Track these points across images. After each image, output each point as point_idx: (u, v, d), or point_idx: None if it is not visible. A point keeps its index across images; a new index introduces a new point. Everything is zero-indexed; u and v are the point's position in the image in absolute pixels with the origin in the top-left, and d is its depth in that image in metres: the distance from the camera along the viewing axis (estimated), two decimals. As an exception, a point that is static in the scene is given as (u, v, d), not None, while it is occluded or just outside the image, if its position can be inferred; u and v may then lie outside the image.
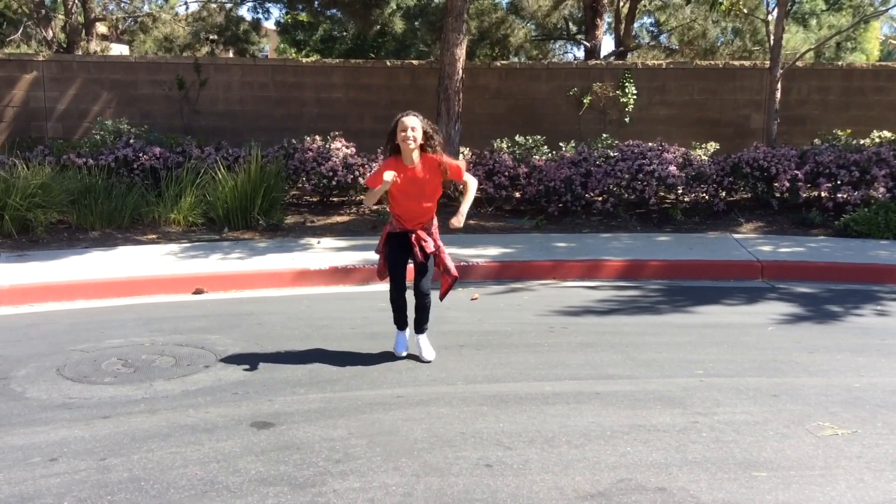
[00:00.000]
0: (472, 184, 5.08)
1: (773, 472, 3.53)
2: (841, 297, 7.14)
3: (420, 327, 5.20)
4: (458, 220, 4.92)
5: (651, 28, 21.59)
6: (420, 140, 4.85)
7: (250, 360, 5.19)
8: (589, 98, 12.96)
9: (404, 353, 5.24)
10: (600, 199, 10.55)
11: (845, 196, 10.14)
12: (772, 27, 12.21)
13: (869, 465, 3.61)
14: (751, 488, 3.37)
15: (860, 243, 9.06)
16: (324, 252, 8.64)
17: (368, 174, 10.81)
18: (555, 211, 10.57)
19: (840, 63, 14.64)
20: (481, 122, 12.67)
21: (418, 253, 4.95)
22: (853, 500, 3.28)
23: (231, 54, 19.56)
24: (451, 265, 5.15)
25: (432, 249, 5.00)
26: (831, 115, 13.25)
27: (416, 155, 4.91)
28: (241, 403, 4.41)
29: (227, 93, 12.82)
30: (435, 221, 5.14)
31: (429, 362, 5.10)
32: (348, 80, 13.06)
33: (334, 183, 10.70)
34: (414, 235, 4.99)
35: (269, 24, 19.71)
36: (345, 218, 10.64)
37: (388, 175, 4.75)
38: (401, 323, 5.25)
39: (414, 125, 4.83)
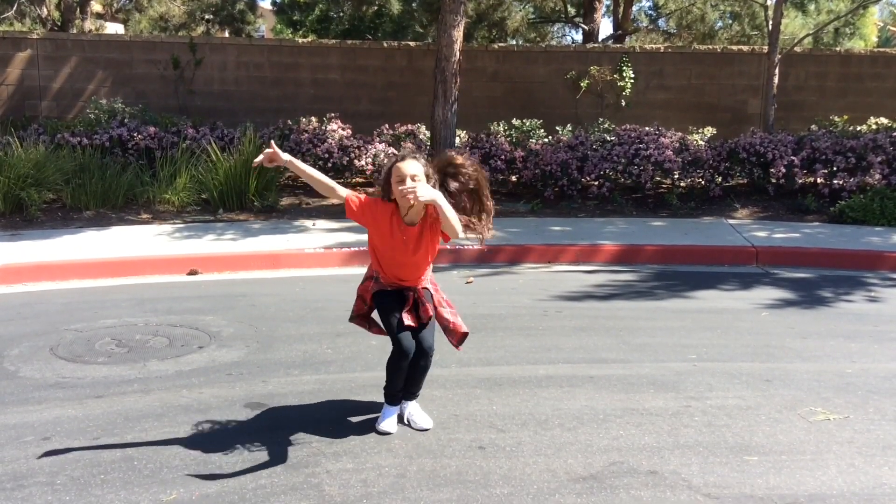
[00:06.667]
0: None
1: (764, 456, 3.55)
2: (835, 284, 7.16)
3: (414, 392, 3.89)
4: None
5: (649, 11, 21.47)
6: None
7: (244, 342, 5.19)
8: (586, 82, 12.90)
9: (393, 431, 3.80)
10: (596, 183, 10.53)
11: (841, 182, 10.13)
12: (770, 12, 12.17)
13: (860, 450, 3.63)
14: (742, 472, 3.39)
15: (855, 230, 9.07)
16: (319, 234, 8.62)
17: (365, 156, 10.98)
18: (551, 195, 10.55)
19: (838, 49, 14.59)
20: (478, 104, 12.61)
21: (416, 313, 3.71)
22: (844, 484, 3.30)
23: (227, 34, 19.42)
24: (456, 320, 3.84)
25: (431, 314, 3.72)
26: (829, 101, 13.23)
27: (416, 211, 3.59)
28: (234, 384, 4.42)
29: (222, 73, 12.74)
30: (430, 271, 3.84)
31: (426, 430, 3.83)
32: (345, 62, 12.97)
33: (330, 165, 10.64)
34: (411, 293, 3.72)
35: (266, 5, 19.61)
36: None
37: None
38: (396, 397, 3.84)
39: (415, 172, 3.47)
